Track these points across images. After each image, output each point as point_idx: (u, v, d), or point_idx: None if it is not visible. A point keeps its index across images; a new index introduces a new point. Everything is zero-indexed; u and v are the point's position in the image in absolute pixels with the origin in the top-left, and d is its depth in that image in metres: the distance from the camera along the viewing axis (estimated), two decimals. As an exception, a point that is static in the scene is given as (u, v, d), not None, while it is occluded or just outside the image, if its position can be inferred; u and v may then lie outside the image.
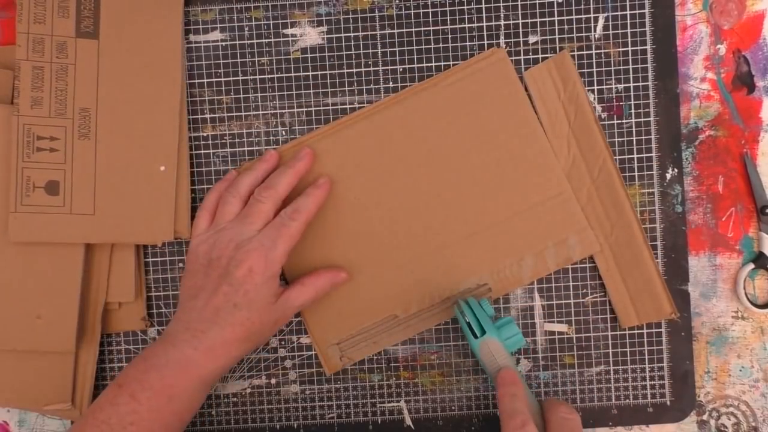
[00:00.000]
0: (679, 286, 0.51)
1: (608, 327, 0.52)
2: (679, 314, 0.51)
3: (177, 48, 0.51)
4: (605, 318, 0.52)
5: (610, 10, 0.51)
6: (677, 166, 0.51)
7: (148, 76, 0.50)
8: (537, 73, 0.51)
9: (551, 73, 0.50)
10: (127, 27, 0.50)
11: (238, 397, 0.53)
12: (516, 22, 0.51)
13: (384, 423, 0.53)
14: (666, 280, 0.51)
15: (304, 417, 0.53)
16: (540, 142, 0.51)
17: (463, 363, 0.52)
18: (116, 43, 0.50)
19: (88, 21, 0.50)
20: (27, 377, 0.51)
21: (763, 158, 0.52)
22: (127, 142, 0.50)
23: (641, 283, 0.51)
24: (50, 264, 0.50)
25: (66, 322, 0.51)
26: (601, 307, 0.52)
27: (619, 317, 0.51)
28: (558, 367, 0.52)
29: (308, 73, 0.52)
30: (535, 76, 0.51)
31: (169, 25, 0.50)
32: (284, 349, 0.53)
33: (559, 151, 0.51)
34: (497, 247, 0.51)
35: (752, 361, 0.52)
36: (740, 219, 0.52)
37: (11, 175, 0.49)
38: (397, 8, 0.51)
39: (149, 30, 0.50)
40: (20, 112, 0.49)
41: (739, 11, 0.51)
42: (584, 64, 0.51)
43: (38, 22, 0.49)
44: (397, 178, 0.51)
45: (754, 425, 0.52)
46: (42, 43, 0.49)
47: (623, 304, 0.51)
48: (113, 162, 0.50)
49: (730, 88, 0.52)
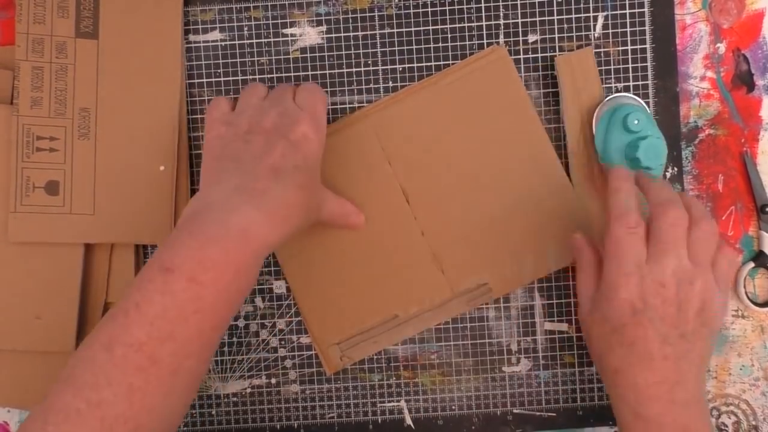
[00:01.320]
0: (679, 285, 0.51)
1: (608, 326, 0.52)
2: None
3: (176, 48, 0.51)
4: (605, 317, 0.52)
5: (610, 9, 0.51)
6: (677, 164, 0.51)
7: (147, 76, 0.50)
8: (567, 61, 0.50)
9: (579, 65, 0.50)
10: (127, 27, 0.50)
11: (238, 397, 0.53)
12: (515, 21, 0.51)
13: (384, 422, 0.53)
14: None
15: (305, 417, 0.53)
16: (541, 141, 0.50)
17: (464, 363, 0.52)
18: (116, 44, 0.50)
19: (88, 21, 0.50)
20: (27, 377, 0.51)
21: (763, 157, 0.52)
22: (127, 142, 0.50)
23: None
24: (50, 264, 0.50)
25: (66, 322, 0.51)
26: (601, 306, 0.52)
27: None
28: (558, 366, 0.52)
29: (308, 73, 0.52)
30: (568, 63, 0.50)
31: (168, 25, 0.50)
32: (284, 349, 0.53)
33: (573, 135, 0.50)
34: (498, 247, 0.51)
35: (752, 359, 0.52)
36: (740, 218, 0.52)
37: (11, 176, 0.49)
38: (396, 8, 0.51)
39: (149, 30, 0.50)
40: (20, 113, 0.49)
41: (739, 10, 0.51)
42: (584, 63, 0.51)
43: (38, 23, 0.49)
44: (396, 177, 0.51)
45: (755, 424, 0.52)
46: (42, 44, 0.49)
47: None
48: (113, 162, 0.50)
49: (729, 87, 0.51)
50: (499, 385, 0.52)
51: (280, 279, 0.52)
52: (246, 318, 0.52)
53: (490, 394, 0.52)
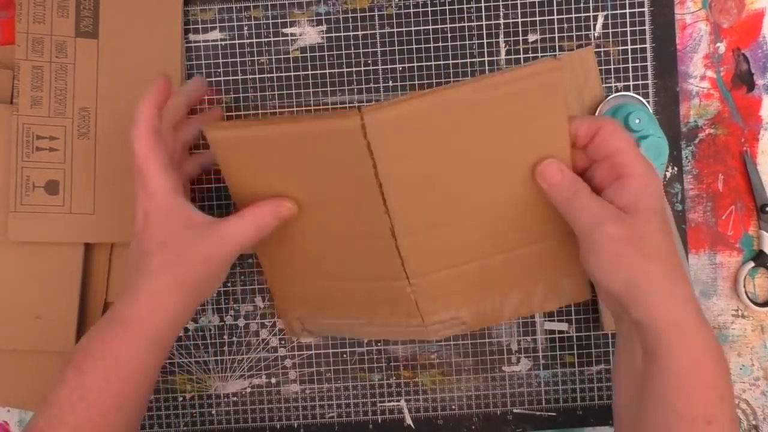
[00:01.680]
0: (679, 285, 0.51)
1: (608, 326, 0.52)
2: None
3: (176, 47, 0.51)
4: (605, 317, 0.52)
5: (610, 8, 0.51)
6: (677, 164, 0.51)
7: (147, 75, 0.50)
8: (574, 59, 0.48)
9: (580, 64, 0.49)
10: (127, 26, 0.50)
11: (238, 396, 0.53)
12: (515, 21, 0.51)
13: (384, 422, 0.53)
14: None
15: (305, 416, 0.53)
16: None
17: (463, 362, 0.52)
18: (116, 43, 0.50)
19: (88, 21, 0.50)
20: (27, 377, 0.51)
21: (763, 156, 0.52)
22: (124, 141, 0.50)
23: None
24: (50, 264, 0.50)
25: (66, 322, 0.51)
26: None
27: (603, 320, 0.51)
28: (558, 365, 0.52)
29: (308, 73, 0.52)
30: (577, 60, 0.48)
31: (168, 25, 0.50)
32: (284, 349, 0.53)
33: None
34: (482, 283, 0.46)
35: (752, 359, 0.52)
36: (740, 217, 0.52)
37: (11, 175, 0.49)
38: (396, 8, 0.51)
39: (149, 29, 0.50)
40: (20, 112, 0.49)
41: (739, 9, 0.51)
42: (584, 62, 0.51)
43: (38, 22, 0.49)
44: (383, 189, 0.41)
45: (755, 423, 0.52)
46: (41, 43, 0.49)
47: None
48: (113, 161, 0.50)
49: (729, 87, 0.51)
50: (499, 385, 0.52)
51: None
52: (246, 318, 0.52)
53: (490, 393, 0.52)
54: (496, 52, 0.51)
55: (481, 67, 0.51)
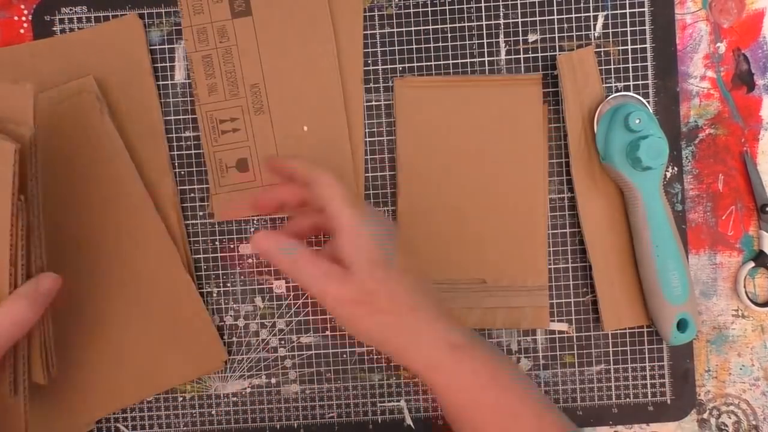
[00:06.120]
0: (679, 285, 0.51)
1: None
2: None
3: (325, 6, 0.51)
4: (605, 317, 0.52)
5: (610, 8, 0.51)
6: (677, 164, 0.51)
7: (302, 39, 0.51)
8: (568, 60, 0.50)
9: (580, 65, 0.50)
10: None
11: (238, 396, 0.53)
12: (515, 21, 0.51)
13: (384, 422, 0.53)
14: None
15: (304, 416, 0.53)
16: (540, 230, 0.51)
17: (464, 362, 0.52)
18: (269, 16, 0.51)
19: (240, 0, 0.51)
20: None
21: (763, 156, 0.52)
22: (296, 109, 0.51)
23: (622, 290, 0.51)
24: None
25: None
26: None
27: (603, 319, 0.51)
28: (558, 366, 0.52)
29: (308, 73, 0.52)
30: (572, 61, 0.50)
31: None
32: (284, 349, 0.53)
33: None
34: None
35: (753, 359, 0.52)
36: (740, 217, 0.52)
37: (208, 160, 0.51)
38: (396, 7, 0.51)
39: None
40: (200, 101, 0.51)
41: (739, 9, 0.51)
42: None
43: (198, 13, 0.51)
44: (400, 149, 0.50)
45: (755, 423, 0.52)
46: (205, 33, 0.51)
47: (610, 306, 0.51)
48: (290, 130, 0.51)
49: (729, 87, 0.51)
50: (499, 385, 0.52)
51: (280, 279, 0.52)
52: (246, 318, 0.52)
53: (490, 393, 0.52)
54: (496, 52, 0.51)
55: (481, 67, 0.51)
